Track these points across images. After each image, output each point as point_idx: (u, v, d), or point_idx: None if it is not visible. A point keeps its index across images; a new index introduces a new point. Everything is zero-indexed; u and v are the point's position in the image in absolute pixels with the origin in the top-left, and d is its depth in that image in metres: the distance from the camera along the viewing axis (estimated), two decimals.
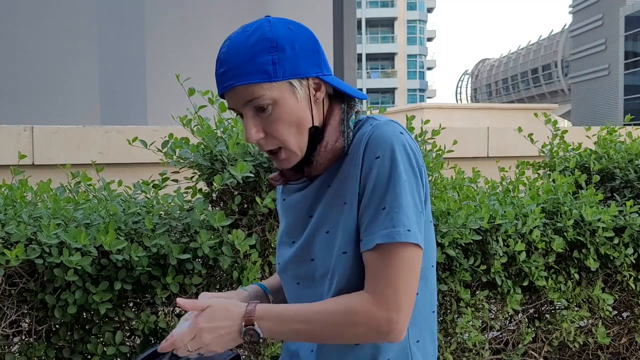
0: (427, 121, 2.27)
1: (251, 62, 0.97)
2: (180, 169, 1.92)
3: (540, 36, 62.27)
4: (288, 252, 1.13)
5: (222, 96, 1.04)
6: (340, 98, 1.09)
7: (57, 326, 1.68)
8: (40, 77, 4.82)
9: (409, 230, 0.96)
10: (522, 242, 2.13)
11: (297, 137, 1.03)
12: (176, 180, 1.92)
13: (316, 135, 1.05)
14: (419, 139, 2.17)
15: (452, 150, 2.22)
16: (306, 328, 0.99)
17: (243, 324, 0.98)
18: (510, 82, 66.21)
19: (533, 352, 2.33)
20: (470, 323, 2.12)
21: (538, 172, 2.78)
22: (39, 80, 4.82)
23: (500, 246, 2.11)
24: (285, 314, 1.01)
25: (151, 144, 1.90)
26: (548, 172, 2.72)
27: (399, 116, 2.19)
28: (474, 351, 2.17)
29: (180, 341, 1.00)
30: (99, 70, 5.34)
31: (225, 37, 1.06)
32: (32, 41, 4.82)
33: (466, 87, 78.29)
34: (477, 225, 2.02)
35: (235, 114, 1.08)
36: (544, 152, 2.80)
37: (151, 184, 1.89)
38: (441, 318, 2.12)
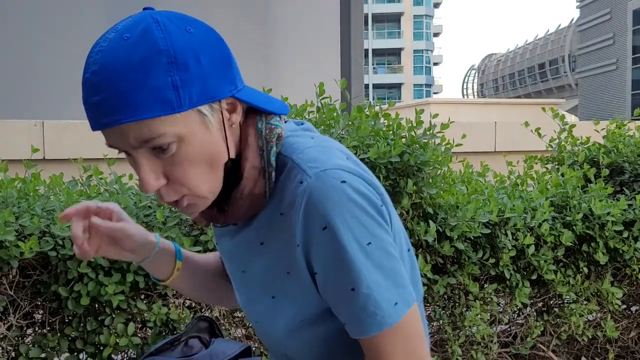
0: (436, 115, 2.27)
1: (142, 87, 0.70)
2: None
3: (548, 31, 61.87)
4: (240, 297, 0.98)
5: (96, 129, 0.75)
6: (254, 111, 0.85)
7: (70, 318, 1.70)
8: (52, 72, 4.85)
9: (395, 304, 0.79)
10: (531, 235, 2.13)
11: (209, 177, 0.79)
12: None
13: (232, 171, 0.83)
14: (428, 133, 2.17)
15: (461, 144, 2.22)
16: None
17: None
18: (517, 77, 65.89)
19: (541, 346, 2.34)
20: (479, 316, 2.12)
21: (546, 166, 2.78)
22: (50, 75, 4.85)
23: (509, 240, 2.11)
24: None
25: None
26: (556, 166, 2.72)
27: (406, 111, 2.20)
28: (482, 344, 2.18)
29: None
30: None
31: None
32: (44, 37, 4.85)
33: (473, 82, 77.97)
34: (486, 218, 2.02)
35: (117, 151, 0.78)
36: (552, 147, 2.79)
37: None
38: (450, 311, 2.13)
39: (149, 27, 0.73)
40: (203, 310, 1.91)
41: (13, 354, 1.66)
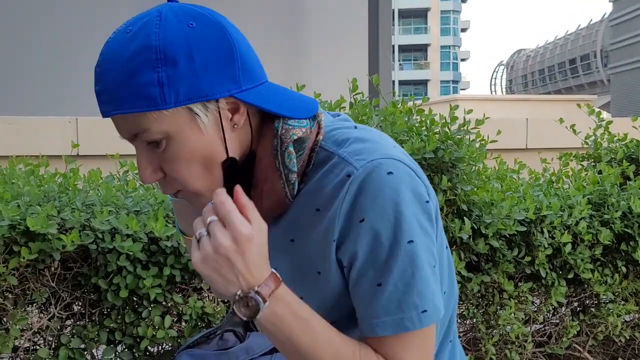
0: (470, 111, 2.25)
1: (130, 82, 0.71)
2: None
3: (579, 25, 60.61)
4: None
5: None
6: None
7: (108, 309, 1.74)
8: (85, 69, 4.95)
9: (424, 311, 0.76)
10: (567, 233, 2.09)
11: (204, 177, 0.77)
12: None
13: (247, 170, 0.81)
14: (462, 129, 2.15)
15: (496, 140, 2.20)
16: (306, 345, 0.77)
17: (255, 289, 0.72)
18: (547, 72, 64.68)
19: (577, 346, 2.30)
20: (513, 315, 2.10)
21: (582, 163, 2.73)
22: (84, 73, 4.95)
23: (545, 238, 2.08)
24: (300, 315, 0.76)
25: None
26: (593, 164, 2.66)
27: (433, 108, 2.18)
28: (516, 343, 2.15)
29: (196, 226, 0.72)
30: None
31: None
32: (76, 35, 4.95)
33: (501, 79, 76.84)
34: (522, 216, 2.00)
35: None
36: (587, 144, 2.74)
37: None
38: (483, 310, 2.11)
39: (149, 21, 0.72)
40: None
41: (54, 344, 1.71)
